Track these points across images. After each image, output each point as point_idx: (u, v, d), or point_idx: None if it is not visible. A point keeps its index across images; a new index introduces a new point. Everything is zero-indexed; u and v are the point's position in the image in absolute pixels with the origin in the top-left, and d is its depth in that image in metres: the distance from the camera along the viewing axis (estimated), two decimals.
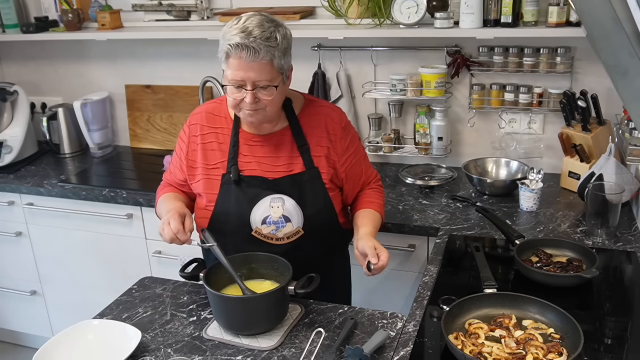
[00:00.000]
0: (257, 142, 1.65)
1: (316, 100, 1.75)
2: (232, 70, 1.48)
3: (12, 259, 2.82)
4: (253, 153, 1.65)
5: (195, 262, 1.58)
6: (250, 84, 1.48)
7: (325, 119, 1.67)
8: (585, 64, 2.29)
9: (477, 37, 2.22)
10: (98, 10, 2.76)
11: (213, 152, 1.67)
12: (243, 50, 1.44)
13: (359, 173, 1.75)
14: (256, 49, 1.44)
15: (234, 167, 1.63)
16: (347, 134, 1.70)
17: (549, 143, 2.41)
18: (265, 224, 1.63)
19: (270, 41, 1.46)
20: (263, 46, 1.44)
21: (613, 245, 1.84)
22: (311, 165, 1.64)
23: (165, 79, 2.94)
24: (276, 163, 1.64)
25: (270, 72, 1.48)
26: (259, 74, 1.47)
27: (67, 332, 1.48)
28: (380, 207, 1.77)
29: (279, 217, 1.63)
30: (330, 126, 1.67)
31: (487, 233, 1.95)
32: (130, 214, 2.48)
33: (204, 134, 1.68)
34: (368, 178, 1.80)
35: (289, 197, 1.62)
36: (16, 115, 2.92)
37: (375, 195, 1.79)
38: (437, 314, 1.51)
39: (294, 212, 1.63)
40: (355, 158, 1.73)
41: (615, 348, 1.38)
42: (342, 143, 1.68)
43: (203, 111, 1.71)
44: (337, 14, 2.50)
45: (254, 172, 1.64)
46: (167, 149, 2.99)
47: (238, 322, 1.46)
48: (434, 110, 2.47)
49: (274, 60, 1.47)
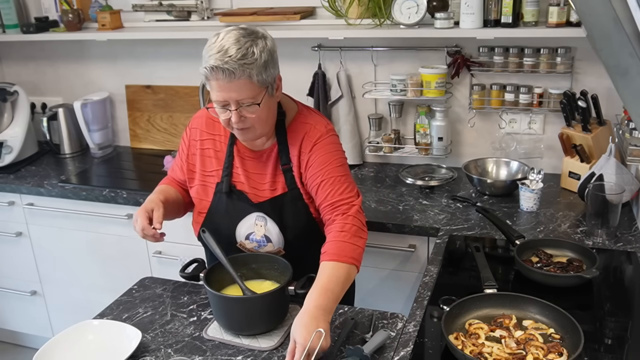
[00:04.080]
0: (249, 157, 1.65)
1: (305, 113, 1.66)
2: (214, 91, 1.47)
3: (12, 259, 2.82)
4: (244, 167, 1.65)
5: (195, 262, 1.58)
6: (233, 103, 1.46)
7: (303, 135, 1.60)
8: (585, 64, 2.29)
9: (477, 37, 2.22)
10: (98, 10, 2.76)
11: (210, 158, 1.67)
12: (218, 72, 1.42)
13: (324, 194, 1.55)
14: (230, 70, 1.41)
15: (227, 179, 1.64)
16: (315, 151, 1.58)
17: (549, 143, 2.41)
18: (248, 239, 1.65)
19: (247, 58, 1.42)
20: (238, 65, 1.41)
21: (613, 245, 1.84)
22: (293, 186, 1.61)
23: (165, 79, 2.94)
24: (262, 180, 1.64)
25: (250, 89, 1.45)
26: (239, 93, 1.44)
27: (67, 332, 1.48)
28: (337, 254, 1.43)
29: (261, 235, 1.64)
30: (304, 143, 1.59)
31: (487, 233, 1.95)
32: (130, 214, 2.47)
33: (202, 139, 1.68)
34: (335, 203, 1.54)
35: (271, 219, 1.62)
36: (16, 115, 2.92)
37: (334, 241, 1.47)
38: (437, 314, 1.51)
39: (274, 234, 1.63)
40: (322, 177, 1.56)
41: (615, 348, 1.38)
42: (308, 161, 1.58)
43: (204, 115, 1.71)
44: (337, 14, 2.50)
45: (242, 187, 1.64)
46: (167, 149, 2.99)
47: (238, 322, 1.46)
48: (434, 110, 2.47)
49: (252, 77, 1.43)
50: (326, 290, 1.37)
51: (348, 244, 1.46)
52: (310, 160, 1.58)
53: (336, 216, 1.52)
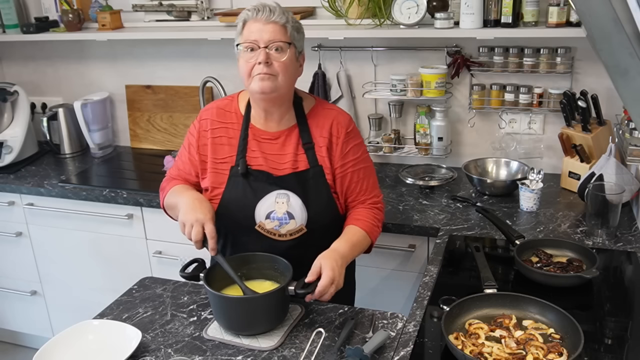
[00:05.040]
0: (265, 139, 1.67)
1: (327, 103, 1.77)
2: (248, 33, 1.56)
3: (12, 259, 2.82)
4: (261, 149, 1.67)
5: (195, 262, 1.58)
6: (263, 42, 1.54)
7: (332, 120, 1.68)
8: (585, 64, 2.29)
9: (477, 37, 2.22)
10: (98, 10, 2.76)
11: (222, 146, 1.69)
12: (259, 11, 1.55)
13: (354, 183, 1.69)
14: (271, 9, 1.55)
15: (242, 160, 1.65)
16: (350, 140, 1.69)
17: (549, 143, 2.41)
18: (268, 218, 1.64)
19: (286, 12, 1.58)
20: (278, 8, 1.57)
21: (613, 245, 1.84)
22: (315, 163, 1.65)
23: (165, 79, 2.94)
24: (281, 160, 1.66)
25: (283, 35, 1.56)
26: (272, 34, 1.54)
27: (67, 332, 1.48)
28: (368, 225, 1.67)
29: (283, 212, 1.64)
30: (335, 128, 1.67)
31: (487, 233, 1.95)
32: (130, 214, 2.48)
33: (213, 129, 1.70)
34: (365, 195, 1.71)
35: (294, 193, 1.64)
36: (16, 115, 2.92)
37: (365, 213, 1.69)
38: (437, 314, 1.51)
39: (298, 209, 1.64)
40: (354, 168, 1.69)
41: (615, 348, 1.38)
42: (343, 147, 1.67)
43: (214, 107, 1.73)
44: (337, 14, 2.50)
45: (261, 167, 1.66)
46: (167, 149, 2.99)
47: (238, 322, 1.46)
48: (434, 110, 2.47)
49: (287, 25, 1.56)
50: (350, 244, 1.60)
51: (376, 227, 1.70)
52: (346, 146, 1.68)
53: (367, 203, 1.71)
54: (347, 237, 1.62)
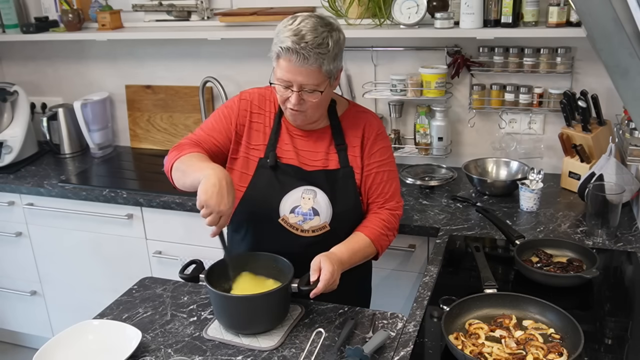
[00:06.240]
0: (298, 135, 1.69)
1: (360, 106, 1.78)
2: (281, 71, 1.53)
3: (12, 259, 2.82)
4: (293, 143, 1.68)
5: (194, 263, 1.58)
6: (297, 85, 1.52)
7: (365, 122, 1.71)
8: (585, 64, 2.29)
9: (477, 37, 2.22)
10: (98, 10, 2.76)
11: (257, 132, 1.69)
12: (293, 54, 1.48)
13: (375, 184, 1.70)
14: (305, 55, 1.47)
15: (272, 153, 1.66)
16: (379, 141, 1.71)
17: (549, 143, 2.41)
18: (293, 213, 1.64)
19: (321, 47, 1.48)
20: (313, 53, 1.47)
21: (613, 245, 1.84)
22: (346, 164, 1.67)
23: (165, 79, 2.94)
24: (313, 157, 1.67)
25: (317, 77, 1.51)
26: (306, 78, 1.51)
27: (67, 332, 1.48)
28: (375, 233, 1.65)
29: (308, 208, 1.64)
30: (367, 129, 1.70)
31: (487, 233, 1.95)
32: (130, 214, 2.47)
33: (252, 112, 1.70)
34: (384, 198, 1.71)
35: (322, 190, 1.64)
36: (16, 115, 2.92)
37: (375, 221, 1.68)
38: (437, 314, 1.51)
39: (324, 206, 1.64)
40: (379, 168, 1.70)
41: (615, 348, 1.38)
42: (371, 147, 1.69)
43: (255, 92, 1.74)
44: (337, 14, 2.50)
45: (291, 161, 1.66)
46: (167, 149, 2.96)
47: (239, 321, 1.46)
48: (434, 110, 2.47)
49: (322, 67, 1.50)
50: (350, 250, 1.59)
51: (384, 236, 1.68)
52: (374, 146, 1.69)
53: (384, 208, 1.71)
54: (349, 243, 1.62)
